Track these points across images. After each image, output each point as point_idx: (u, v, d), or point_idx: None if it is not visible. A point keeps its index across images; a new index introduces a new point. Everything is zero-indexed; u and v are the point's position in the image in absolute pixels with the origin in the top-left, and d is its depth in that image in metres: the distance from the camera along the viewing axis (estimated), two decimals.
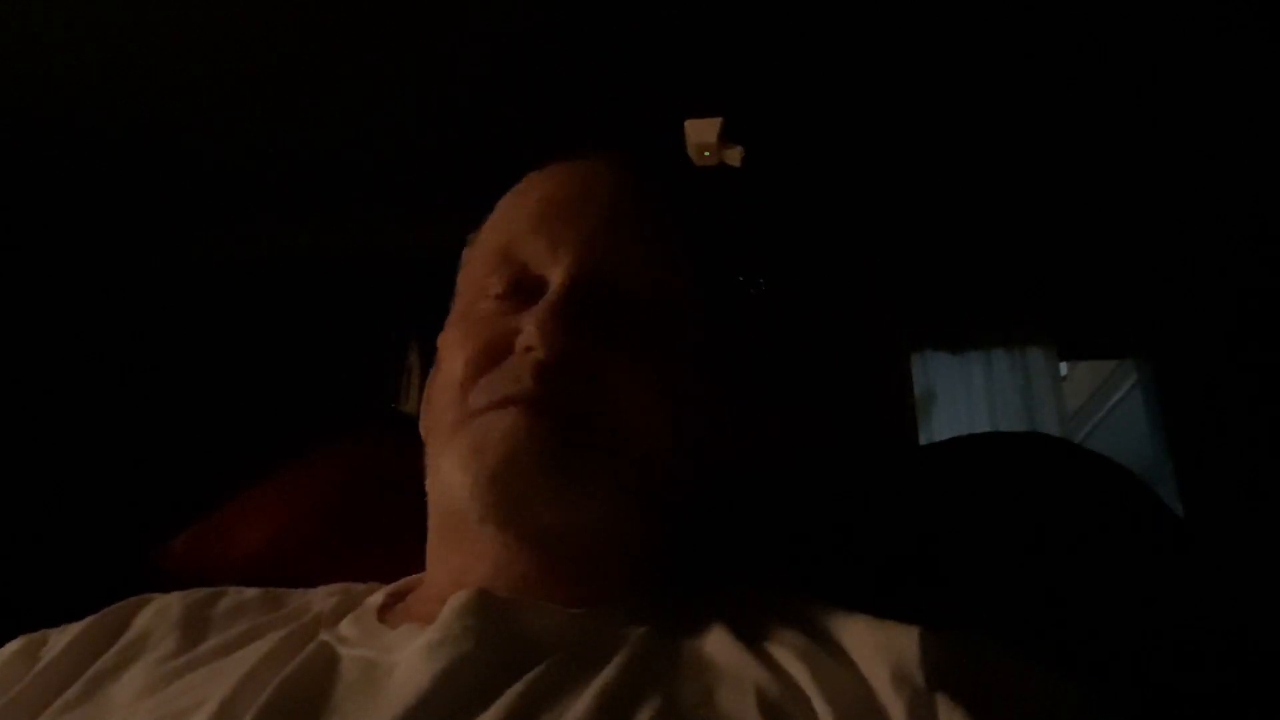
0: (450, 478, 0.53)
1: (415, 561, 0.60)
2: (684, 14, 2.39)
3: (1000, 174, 3.13)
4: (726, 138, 2.73)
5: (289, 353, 3.10)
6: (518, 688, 0.44)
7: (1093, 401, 4.81)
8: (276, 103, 2.74)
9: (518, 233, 0.58)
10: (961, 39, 2.52)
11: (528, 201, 0.60)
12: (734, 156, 2.78)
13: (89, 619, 0.58)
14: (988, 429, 2.88)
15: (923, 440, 3.20)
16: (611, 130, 2.61)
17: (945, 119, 2.85)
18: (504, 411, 0.51)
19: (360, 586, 0.61)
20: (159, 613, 0.58)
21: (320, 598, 0.59)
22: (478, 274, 0.60)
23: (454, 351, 0.56)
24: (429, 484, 0.57)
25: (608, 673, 0.46)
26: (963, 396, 3.43)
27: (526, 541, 0.52)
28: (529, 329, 0.52)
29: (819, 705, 0.43)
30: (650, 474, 0.54)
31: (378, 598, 0.57)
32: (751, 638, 0.49)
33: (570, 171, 0.61)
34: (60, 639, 0.56)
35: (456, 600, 0.49)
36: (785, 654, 0.47)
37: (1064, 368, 3.93)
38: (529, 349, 0.52)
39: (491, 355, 0.54)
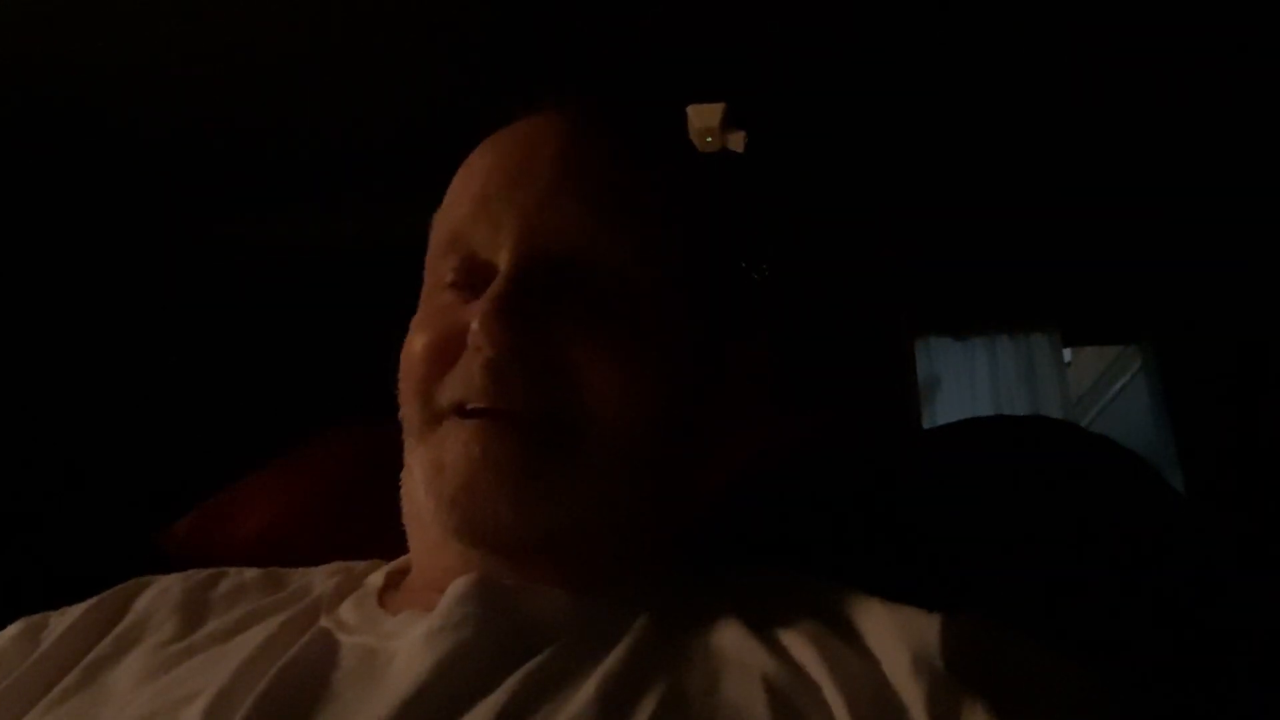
0: (416, 492, 0.52)
1: None
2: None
3: (1004, 159, 3.11)
4: (729, 123, 2.71)
5: (293, 338, 3.11)
6: (518, 675, 0.44)
7: (1097, 387, 4.81)
8: (282, 91, 2.72)
9: (462, 217, 0.54)
10: (966, 22, 2.50)
11: (471, 181, 0.55)
12: (737, 142, 2.76)
13: (89, 602, 0.57)
14: None
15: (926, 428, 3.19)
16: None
17: (949, 105, 2.83)
18: (462, 423, 0.49)
19: (361, 565, 0.60)
20: (159, 595, 0.57)
21: (321, 577, 0.58)
22: (434, 259, 0.56)
23: (412, 342, 0.54)
24: (403, 479, 0.55)
25: (611, 660, 0.45)
26: (966, 383, 3.42)
27: (501, 553, 0.50)
28: (474, 327, 0.49)
29: (829, 693, 0.42)
30: (638, 450, 0.51)
31: (378, 578, 0.56)
32: (761, 624, 0.47)
33: (513, 138, 0.56)
34: (60, 623, 0.56)
35: (457, 587, 0.48)
36: (796, 641, 0.46)
37: (1068, 354, 3.92)
38: (478, 349, 0.49)
39: (448, 351, 0.51)
